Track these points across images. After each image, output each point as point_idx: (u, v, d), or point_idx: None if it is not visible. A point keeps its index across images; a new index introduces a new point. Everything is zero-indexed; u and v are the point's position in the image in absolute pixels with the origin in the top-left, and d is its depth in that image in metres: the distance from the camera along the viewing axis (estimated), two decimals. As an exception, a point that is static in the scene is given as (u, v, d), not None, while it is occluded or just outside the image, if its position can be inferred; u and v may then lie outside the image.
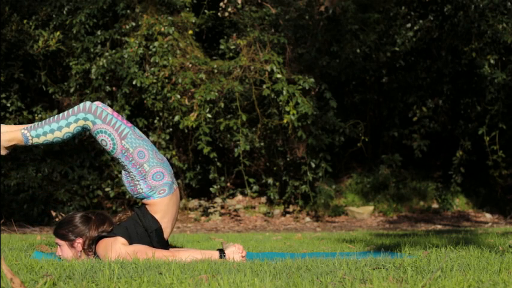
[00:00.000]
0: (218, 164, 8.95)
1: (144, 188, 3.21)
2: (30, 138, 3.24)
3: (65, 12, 9.10)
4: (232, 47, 9.26)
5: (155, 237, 3.22)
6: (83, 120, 3.20)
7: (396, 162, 10.15)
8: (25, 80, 9.37)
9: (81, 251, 3.19)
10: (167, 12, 9.15)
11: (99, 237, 3.16)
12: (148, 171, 3.20)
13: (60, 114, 3.25)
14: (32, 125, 3.27)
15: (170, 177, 3.26)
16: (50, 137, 3.23)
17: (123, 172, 3.28)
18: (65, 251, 3.20)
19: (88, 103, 3.22)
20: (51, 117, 3.27)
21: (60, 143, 3.41)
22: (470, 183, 10.35)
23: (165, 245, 3.30)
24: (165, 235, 3.28)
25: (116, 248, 3.07)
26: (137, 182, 3.21)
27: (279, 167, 9.48)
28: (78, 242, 3.18)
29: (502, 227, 7.52)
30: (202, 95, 8.50)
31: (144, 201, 3.26)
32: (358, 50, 9.36)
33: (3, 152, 3.31)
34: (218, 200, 9.62)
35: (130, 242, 3.15)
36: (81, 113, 3.21)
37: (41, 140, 3.24)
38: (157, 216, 3.23)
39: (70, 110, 3.24)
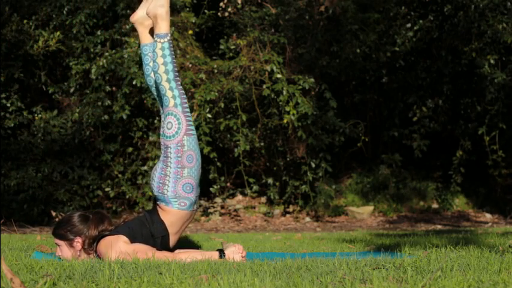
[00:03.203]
0: (218, 164, 8.95)
1: (169, 192, 3.18)
2: (163, 40, 3.28)
3: (65, 12, 9.10)
4: (232, 47, 9.25)
5: (160, 244, 3.20)
6: (172, 97, 3.25)
7: (396, 162, 10.14)
8: (25, 80, 9.37)
9: (80, 250, 3.18)
10: (167, 12, 9.13)
11: (102, 236, 3.16)
12: (183, 177, 3.17)
13: (178, 76, 3.31)
14: (171, 48, 3.32)
15: (195, 197, 3.24)
16: (159, 61, 3.26)
17: (159, 165, 3.24)
18: (64, 251, 3.19)
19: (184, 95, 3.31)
20: (176, 68, 3.32)
21: (148, 70, 3.43)
22: (470, 183, 10.34)
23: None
24: (170, 244, 3.27)
25: (117, 246, 3.06)
26: (168, 182, 3.18)
27: (279, 167, 9.48)
28: (77, 241, 3.17)
29: (502, 227, 7.52)
30: (202, 95, 8.50)
31: (162, 205, 3.23)
32: (358, 50, 9.35)
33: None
34: (218, 200, 9.62)
35: (133, 242, 3.14)
36: (178, 92, 3.26)
37: (158, 52, 3.28)
38: (165, 224, 3.22)
39: (179, 85, 3.29)
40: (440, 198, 10.15)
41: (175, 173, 3.18)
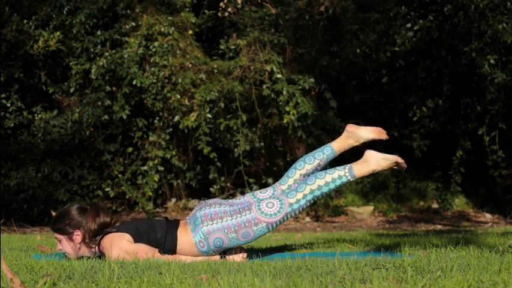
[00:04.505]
0: (218, 164, 8.95)
1: (205, 228, 3.14)
2: (343, 173, 3.33)
3: (65, 12, 9.10)
4: (232, 47, 9.25)
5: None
6: (297, 201, 3.26)
7: (396, 162, 10.13)
8: (25, 80, 9.37)
9: (80, 243, 3.16)
10: (167, 12, 9.14)
11: (106, 232, 3.15)
12: (225, 235, 3.14)
13: (316, 199, 3.36)
14: (341, 183, 3.35)
15: (213, 252, 3.19)
16: (328, 178, 3.33)
17: (225, 207, 3.22)
18: (64, 245, 3.18)
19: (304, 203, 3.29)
20: (323, 195, 3.40)
21: (311, 161, 3.58)
22: (470, 183, 10.34)
23: None
24: None
25: (119, 244, 3.05)
26: (214, 223, 3.14)
27: (279, 167, 9.47)
28: (77, 235, 3.15)
29: (502, 227, 7.52)
30: (202, 95, 8.50)
31: (188, 226, 3.19)
32: (358, 50, 9.35)
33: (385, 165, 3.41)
34: (218, 200, 9.61)
35: (137, 242, 3.12)
36: (303, 204, 3.27)
37: (335, 175, 3.34)
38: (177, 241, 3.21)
39: (310, 202, 3.31)
40: (440, 198, 10.15)
41: (227, 226, 3.14)
